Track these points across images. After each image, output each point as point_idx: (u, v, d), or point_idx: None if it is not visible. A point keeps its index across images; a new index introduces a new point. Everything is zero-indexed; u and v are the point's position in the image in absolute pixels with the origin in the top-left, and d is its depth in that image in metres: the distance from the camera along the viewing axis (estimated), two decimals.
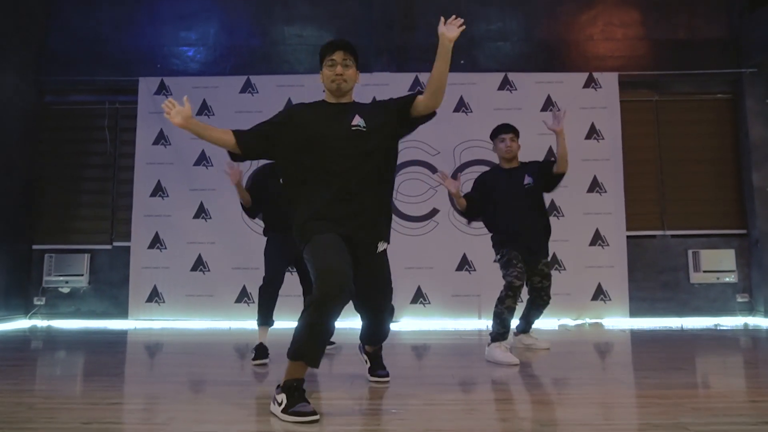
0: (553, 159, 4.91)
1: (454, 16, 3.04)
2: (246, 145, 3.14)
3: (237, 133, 3.13)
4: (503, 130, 4.93)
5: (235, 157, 3.22)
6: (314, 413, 2.64)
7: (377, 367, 3.72)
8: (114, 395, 3.42)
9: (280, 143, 3.16)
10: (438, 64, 3.03)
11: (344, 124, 3.13)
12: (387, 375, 3.67)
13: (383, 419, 2.78)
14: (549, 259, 5.04)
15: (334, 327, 2.85)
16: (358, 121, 3.14)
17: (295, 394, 2.71)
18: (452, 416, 2.80)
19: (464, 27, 3.02)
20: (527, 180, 4.84)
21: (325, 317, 2.75)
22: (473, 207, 4.89)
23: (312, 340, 2.78)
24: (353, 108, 3.24)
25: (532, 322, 5.23)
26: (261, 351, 4.47)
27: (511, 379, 3.78)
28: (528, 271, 4.78)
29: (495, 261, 4.91)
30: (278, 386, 2.84)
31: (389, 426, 2.63)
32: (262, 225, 5.05)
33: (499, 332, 4.48)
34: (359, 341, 3.83)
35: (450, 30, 2.99)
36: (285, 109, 3.36)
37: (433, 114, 3.19)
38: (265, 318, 4.64)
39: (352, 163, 3.08)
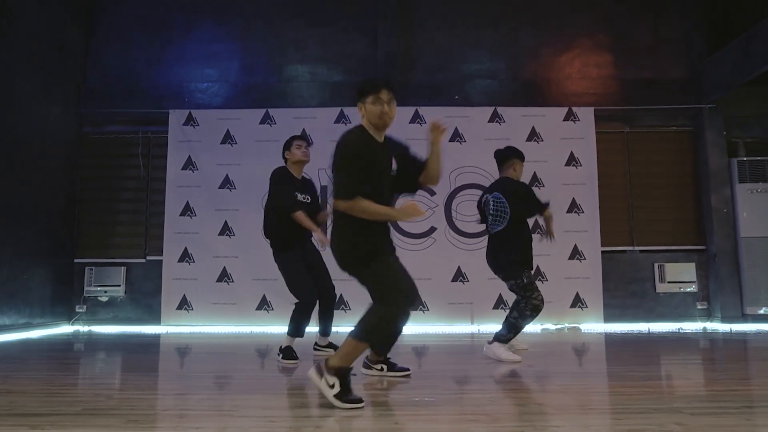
0: None
1: (441, 122, 3.34)
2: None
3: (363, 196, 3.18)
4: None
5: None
6: (361, 400, 2.97)
7: (393, 364, 3.96)
8: (175, 388, 3.77)
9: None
10: (431, 161, 3.41)
11: (390, 167, 3.42)
12: (408, 368, 3.97)
13: (420, 406, 3.06)
14: None
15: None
16: (394, 165, 3.45)
17: (345, 383, 2.99)
18: (478, 403, 3.11)
19: (446, 129, 3.36)
20: None
21: (401, 323, 3.30)
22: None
23: (383, 334, 3.32)
24: (390, 149, 3.43)
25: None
26: (289, 352, 4.74)
27: (516, 374, 4.10)
28: None
29: (517, 282, 4.74)
30: (328, 364, 3.04)
31: (428, 411, 2.92)
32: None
33: (508, 337, 4.72)
34: (365, 360, 3.99)
35: (435, 133, 3.35)
36: (354, 151, 3.20)
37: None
38: (299, 333, 4.81)
39: (389, 197, 3.41)
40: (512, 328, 4.71)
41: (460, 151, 7.99)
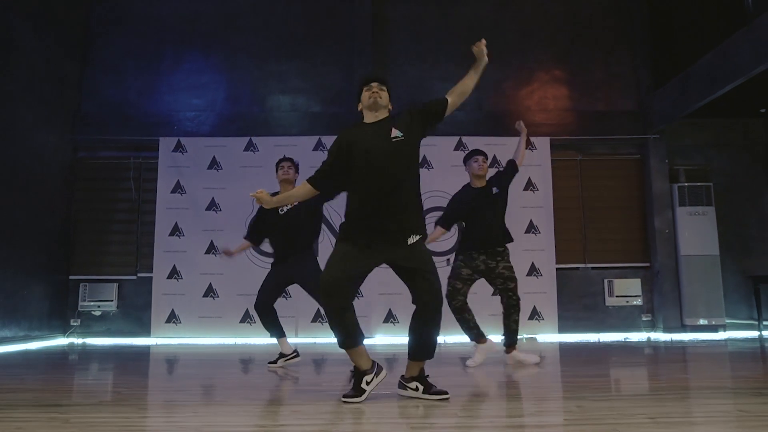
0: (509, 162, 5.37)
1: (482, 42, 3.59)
2: (322, 188, 3.61)
3: (312, 181, 3.58)
4: (476, 153, 5.31)
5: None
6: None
7: (430, 386, 3.48)
8: (173, 386, 4.35)
9: (342, 173, 3.52)
10: (472, 74, 3.65)
11: (384, 139, 3.44)
12: (446, 392, 3.44)
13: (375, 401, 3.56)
14: (509, 263, 5.23)
15: (345, 320, 3.37)
16: (395, 132, 3.45)
17: (355, 382, 3.45)
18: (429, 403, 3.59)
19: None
20: (495, 190, 5.24)
21: (328, 311, 3.37)
22: (449, 221, 5.36)
23: (329, 321, 3.41)
24: (389, 122, 3.53)
25: (510, 329, 5.25)
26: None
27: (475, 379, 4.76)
28: (489, 276, 5.21)
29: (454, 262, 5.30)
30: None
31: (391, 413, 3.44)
32: (259, 257, 5.53)
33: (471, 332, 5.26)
34: (400, 380, 3.61)
35: (481, 53, 3.61)
36: (336, 140, 3.57)
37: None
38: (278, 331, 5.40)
39: (393, 169, 3.42)
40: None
41: (427, 176, 8.55)
